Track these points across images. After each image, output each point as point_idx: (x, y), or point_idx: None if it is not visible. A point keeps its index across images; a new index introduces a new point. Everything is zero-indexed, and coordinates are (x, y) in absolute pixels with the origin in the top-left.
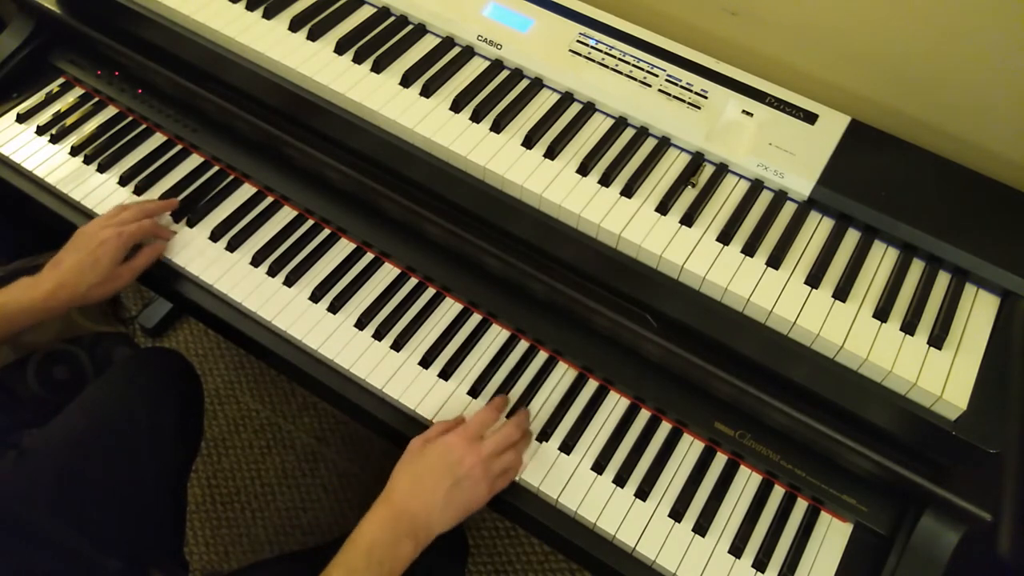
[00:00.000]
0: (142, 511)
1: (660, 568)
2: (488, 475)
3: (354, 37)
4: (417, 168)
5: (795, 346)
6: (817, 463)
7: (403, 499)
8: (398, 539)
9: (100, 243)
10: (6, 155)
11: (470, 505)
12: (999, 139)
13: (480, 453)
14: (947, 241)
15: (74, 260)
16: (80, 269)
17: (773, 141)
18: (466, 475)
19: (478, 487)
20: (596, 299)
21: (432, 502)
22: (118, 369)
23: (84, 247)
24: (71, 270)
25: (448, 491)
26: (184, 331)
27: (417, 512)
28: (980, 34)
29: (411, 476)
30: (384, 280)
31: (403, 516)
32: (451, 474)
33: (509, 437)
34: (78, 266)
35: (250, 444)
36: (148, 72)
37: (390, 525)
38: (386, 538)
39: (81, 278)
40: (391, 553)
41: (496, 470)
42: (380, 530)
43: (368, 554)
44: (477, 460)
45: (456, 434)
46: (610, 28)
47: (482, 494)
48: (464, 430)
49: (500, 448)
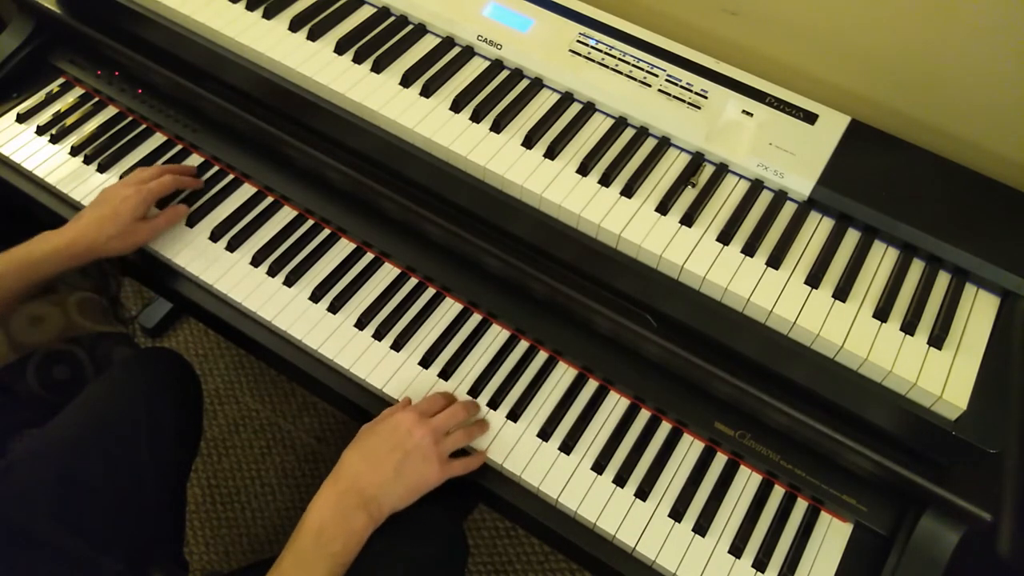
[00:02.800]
0: (142, 511)
1: (660, 568)
2: (438, 452)
3: (354, 37)
4: (417, 168)
5: (795, 346)
6: (817, 463)
7: (351, 476)
8: (348, 515)
9: (122, 199)
10: (6, 155)
11: (421, 481)
12: (999, 139)
13: (428, 427)
14: (947, 241)
15: (95, 213)
16: (100, 220)
17: (773, 141)
18: (414, 448)
19: (428, 463)
20: (596, 299)
21: (381, 475)
22: (118, 369)
23: (106, 201)
24: (92, 221)
25: (397, 464)
26: (184, 331)
27: (366, 487)
28: (980, 34)
29: (359, 453)
30: (384, 280)
31: (351, 492)
32: (399, 448)
33: (456, 414)
34: (98, 218)
35: (250, 444)
36: (148, 72)
37: (338, 503)
38: (335, 517)
39: (101, 229)
40: (343, 530)
41: (446, 448)
42: (329, 510)
43: (317, 537)
44: (425, 434)
45: (404, 411)
46: (610, 28)
47: (432, 471)
48: (413, 408)
49: (448, 425)
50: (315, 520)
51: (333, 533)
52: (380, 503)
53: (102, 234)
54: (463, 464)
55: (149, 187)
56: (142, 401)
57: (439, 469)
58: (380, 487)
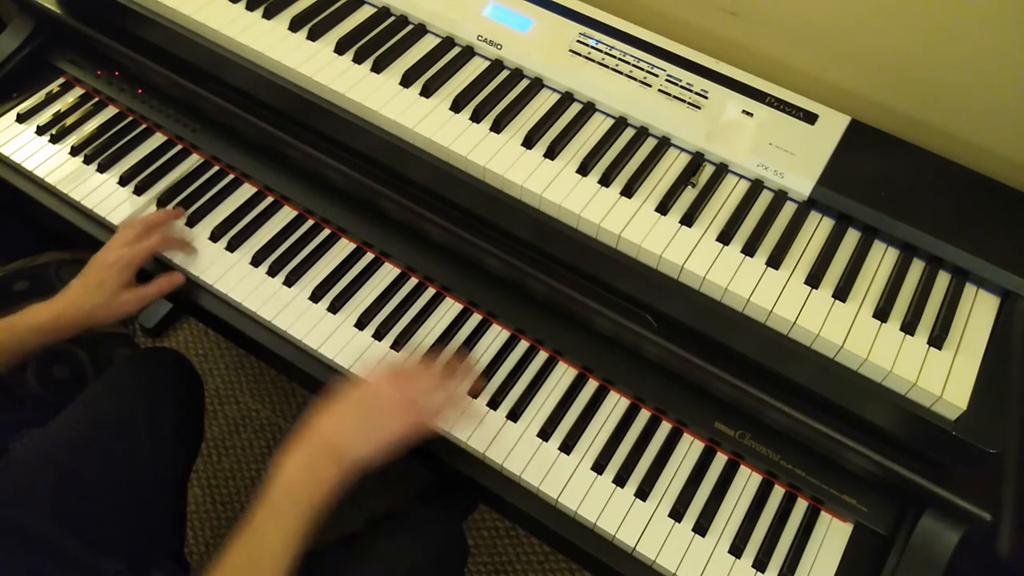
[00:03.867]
0: (142, 512)
1: (660, 568)
2: (405, 407)
3: (354, 37)
4: (417, 168)
5: (795, 346)
6: (817, 463)
7: (319, 431)
8: (318, 468)
9: (106, 265)
10: (6, 155)
11: (387, 433)
12: (999, 139)
13: (395, 384)
14: (947, 241)
15: (80, 283)
16: (85, 291)
17: (773, 141)
18: (381, 404)
19: (394, 417)
20: (596, 299)
21: (348, 428)
22: (118, 369)
23: (92, 271)
24: (76, 293)
25: (363, 418)
26: (184, 331)
27: (334, 440)
28: (980, 34)
29: (326, 410)
30: (384, 280)
31: (320, 445)
32: (365, 403)
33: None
34: (83, 288)
35: (250, 444)
36: (148, 72)
37: (308, 457)
38: (305, 471)
39: (85, 300)
40: (313, 482)
41: (416, 405)
42: (299, 468)
43: (288, 490)
44: (392, 391)
45: (372, 373)
46: (610, 28)
47: (398, 423)
48: (380, 368)
49: (418, 384)
50: (285, 474)
51: (304, 486)
52: (349, 455)
53: (86, 304)
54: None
55: (134, 252)
56: (142, 401)
57: (405, 421)
58: (348, 439)
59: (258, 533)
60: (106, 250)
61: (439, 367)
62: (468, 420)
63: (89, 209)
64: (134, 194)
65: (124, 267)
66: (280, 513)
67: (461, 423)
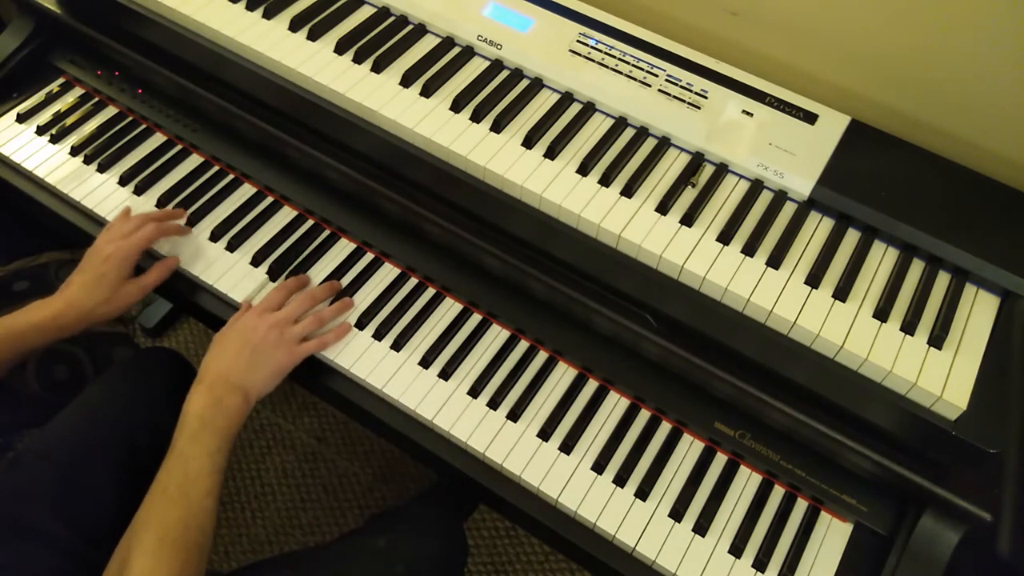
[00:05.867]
0: None
1: (660, 568)
2: (284, 338)
3: (354, 37)
4: (417, 168)
5: (795, 346)
6: (817, 463)
7: (214, 371)
8: (220, 399)
9: (104, 259)
10: (6, 155)
11: (277, 367)
12: (999, 139)
13: (271, 320)
14: (947, 241)
15: (80, 279)
16: (86, 287)
17: (773, 141)
18: (262, 340)
19: (278, 349)
20: (596, 299)
21: (240, 366)
22: (118, 369)
23: (90, 265)
24: (77, 289)
25: (250, 356)
26: (184, 331)
27: (228, 375)
28: (980, 34)
29: (215, 352)
30: (384, 280)
31: (219, 382)
32: (248, 342)
33: (300, 306)
34: (83, 284)
35: (250, 444)
36: (148, 72)
37: (210, 392)
38: (212, 402)
39: (87, 296)
40: (221, 409)
41: (294, 334)
42: (201, 400)
43: (200, 418)
44: (269, 326)
45: (247, 312)
46: (610, 28)
47: (284, 355)
48: (255, 307)
49: (293, 315)
50: (195, 409)
51: (213, 414)
52: (247, 389)
53: (88, 300)
54: (316, 343)
55: (131, 242)
56: (142, 401)
57: (289, 353)
58: (242, 375)
59: (183, 456)
60: (103, 243)
61: (300, 295)
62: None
63: (89, 209)
64: (134, 194)
65: (123, 259)
66: (197, 436)
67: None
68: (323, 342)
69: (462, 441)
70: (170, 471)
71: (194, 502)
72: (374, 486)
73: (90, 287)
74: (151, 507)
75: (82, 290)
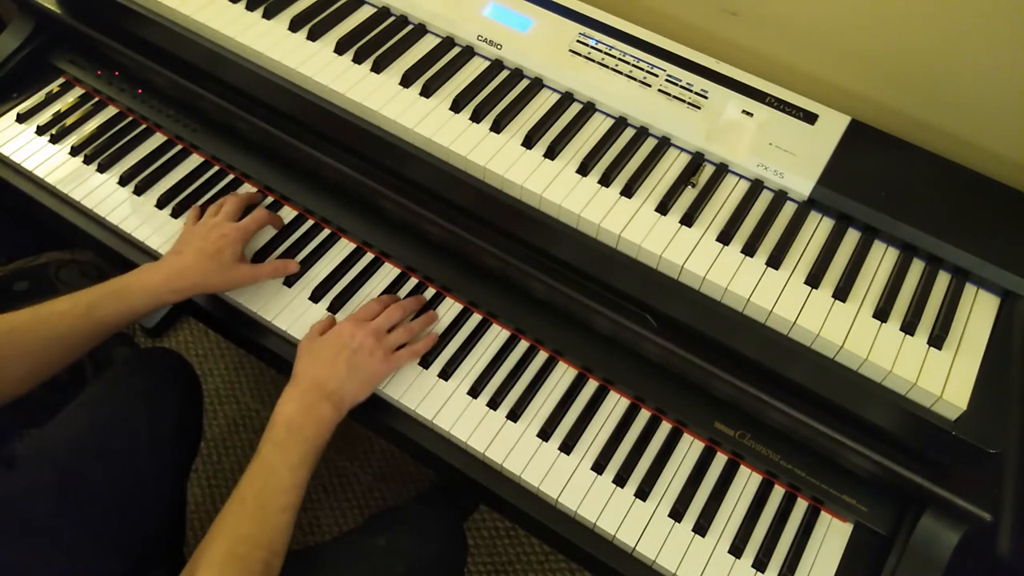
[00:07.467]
0: (142, 511)
1: (660, 568)
2: (381, 346)
3: (354, 37)
4: (417, 168)
5: (795, 346)
6: (817, 463)
7: (309, 377)
8: (314, 406)
9: (221, 235)
10: (6, 155)
11: (371, 374)
12: (999, 139)
13: (367, 328)
14: (947, 241)
15: (197, 248)
16: (204, 257)
17: (773, 141)
18: (359, 347)
19: (374, 357)
20: (596, 299)
21: (336, 373)
22: (118, 369)
23: (206, 237)
24: (195, 257)
25: (347, 362)
26: (184, 331)
27: (325, 383)
28: (980, 34)
29: (309, 359)
30: (384, 280)
31: (312, 389)
32: (345, 348)
33: (392, 315)
34: (201, 254)
35: (250, 444)
36: (148, 72)
37: (303, 399)
38: (302, 409)
39: (206, 265)
40: (311, 418)
41: (389, 343)
42: (292, 405)
43: (289, 426)
44: (367, 334)
45: (343, 321)
46: (610, 28)
47: (379, 363)
48: (350, 317)
49: (387, 324)
50: (285, 414)
51: (302, 422)
52: (341, 396)
53: (207, 270)
54: (409, 352)
55: (247, 226)
56: (142, 401)
57: (385, 361)
58: (338, 382)
59: (266, 464)
60: (215, 222)
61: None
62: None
63: (89, 209)
64: (134, 194)
65: (240, 239)
66: (284, 446)
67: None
68: (415, 351)
69: (462, 441)
70: (251, 480)
71: (269, 517)
72: (374, 486)
73: (204, 258)
74: (226, 516)
75: (200, 259)
